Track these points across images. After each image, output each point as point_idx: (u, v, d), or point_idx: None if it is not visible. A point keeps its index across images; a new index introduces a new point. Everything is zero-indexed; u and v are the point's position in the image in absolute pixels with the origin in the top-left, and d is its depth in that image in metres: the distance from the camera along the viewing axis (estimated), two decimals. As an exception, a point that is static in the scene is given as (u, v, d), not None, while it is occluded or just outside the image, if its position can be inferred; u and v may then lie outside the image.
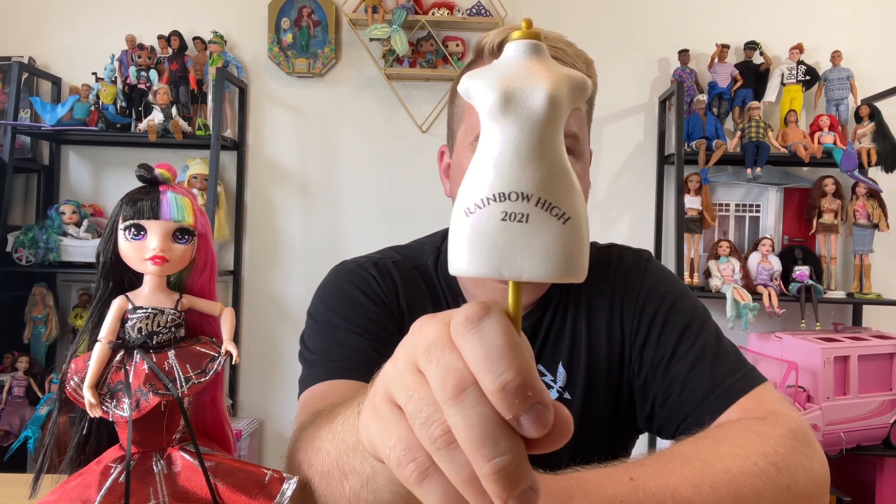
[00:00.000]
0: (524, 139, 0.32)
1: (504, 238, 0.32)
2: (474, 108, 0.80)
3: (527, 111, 0.32)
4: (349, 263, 0.91)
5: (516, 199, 0.32)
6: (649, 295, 0.85)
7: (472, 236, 0.32)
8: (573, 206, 0.32)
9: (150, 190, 0.55)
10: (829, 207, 2.35)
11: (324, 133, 2.53)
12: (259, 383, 2.51)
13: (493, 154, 0.32)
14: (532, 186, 0.32)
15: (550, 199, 0.32)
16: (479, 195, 0.32)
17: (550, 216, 0.32)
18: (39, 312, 2.38)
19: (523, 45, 0.34)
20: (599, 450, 0.85)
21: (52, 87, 2.47)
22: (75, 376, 0.54)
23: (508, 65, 0.33)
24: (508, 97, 0.32)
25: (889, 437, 2.09)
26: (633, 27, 2.50)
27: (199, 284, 0.59)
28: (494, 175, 0.32)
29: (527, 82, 0.32)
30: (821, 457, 0.66)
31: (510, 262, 0.32)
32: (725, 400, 0.75)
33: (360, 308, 0.84)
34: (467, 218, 0.33)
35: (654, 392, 0.82)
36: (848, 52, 2.41)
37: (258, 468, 0.56)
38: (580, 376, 0.85)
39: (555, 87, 0.32)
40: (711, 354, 0.79)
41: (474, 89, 0.33)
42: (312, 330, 0.85)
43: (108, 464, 0.55)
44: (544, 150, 0.32)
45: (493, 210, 0.32)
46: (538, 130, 0.32)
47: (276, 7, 2.46)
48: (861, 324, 2.47)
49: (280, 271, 2.53)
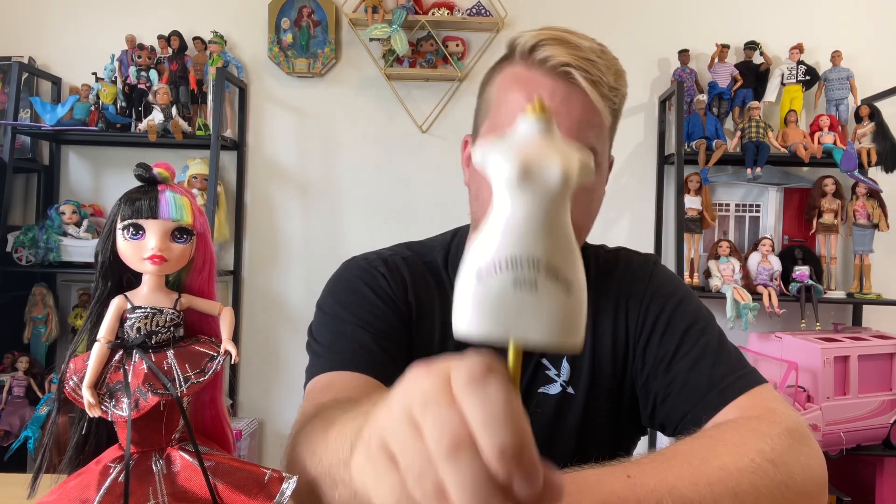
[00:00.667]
0: (539, 211, 0.34)
1: (514, 303, 0.34)
2: (502, 106, 0.80)
3: (543, 185, 0.34)
4: (359, 259, 0.93)
5: (529, 267, 0.34)
6: (654, 295, 0.87)
7: (484, 299, 0.34)
8: (578, 276, 0.35)
9: (149, 189, 0.55)
10: (829, 207, 2.35)
11: (324, 133, 2.53)
12: (259, 383, 2.51)
13: (508, 222, 0.34)
14: (544, 256, 0.34)
15: (559, 269, 0.34)
16: (493, 259, 0.34)
17: (558, 285, 0.34)
18: (39, 312, 2.38)
19: (537, 122, 0.35)
20: (600, 445, 0.85)
21: (52, 87, 2.47)
22: (74, 376, 0.54)
23: (524, 140, 0.35)
24: (527, 171, 0.33)
25: (889, 437, 2.09)
26: (633, 27, 2.50)
27: (197, 284, 0.59)
28: (509, 242, 0.34)
29: (543, 158, 0.34)
30: (818, 455, 0.66)
31: (518, 326, 0.34)
32: (723, 398, 0.76)
33: (367, 304, 0.86)
34: (479, 280, 0.34)
35: (655, 390, 0.83)
36: (848, 52, 2.41)
37: (257, 468, 0.56)
38: (584, 372, 0.87)
39: (568, 165, 0.34)
40: (713, 354, 0.80)
41: (492, 160, 0.35)
42: (320, 321, 0.88)
43: (107, 463, 0.55)
44: (556, 222, 0.34)
45: (506, 275, 0.34)
46: (552, 204, 0.34)
47: (276, 7, 2.46)
48: (861, 324, 2.47)
49: (280, 271, 2.53)
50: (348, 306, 0.86)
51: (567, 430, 0.87)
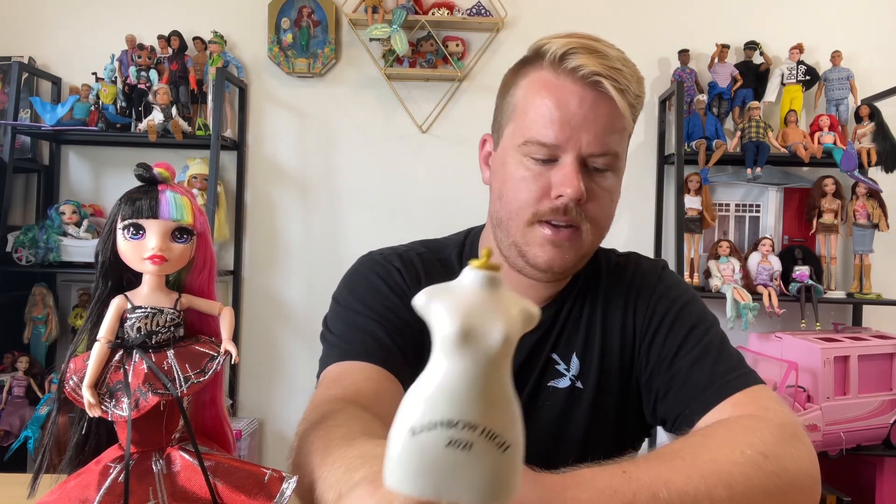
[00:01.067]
0: (477, 374, 0.33)
1: (447, 463, 0.34)
2: (529, 110, 0.84)
3: (483, 348, 0.33)
4: (375, 254, 0.96)
5: (463, 427, 0.33)
6: (662, 297, 0.90)
7: (416, 457, 0.34)
8: (514, 436, 0.34)
9: (149, 189, 0.55)
10: (829, 207, 2.35)
11: (324, 133, 2.53)
12: (259, 383, 2.51)
13: (445, 382, 0.33)
14: (479, 417, 0.33)
15: (494, 430, 0.33)
16: (427, 418, 0.34)
17: (493, 445, 0.34)
18: (39, 312, 2.38)
19: (482, 276, 0.35)
20: (607, 440, 0.89)
21: (52, 87, 2.47)
22: (74, 376, 0.54)
23: (468, 296, 0.34)
24: (467, 334, 0.33)
25: (889, 437, 2.09)
26: (633, 27, 2.50)
27: (198, 284, 0.59)
28: (444, 402, 0.33)
29: (485, 319, 0.33)
30: (810, 450, 0.68)
31: (450, 486, 0.34)
32: (720, 394, 0.78)
33: (380, 297, 0.88)
34: (412, 438, 0.34)
35: (657, 386, 0.86)
36: (848, 52, 2.41)
37: (258, 468, 0.56)
38: (593, 367, 0.90)
39: (510, 327, 0.33)
40: (714, 354, 0.83)
41: (433, 313, 0.34)
42: (335, 313, 0.91)
43: (107, 463, 0.55)
44: (494, 384, 0.34)
45: (440, 435, 0.33)
46: (491, 366, 0.33)
47: (276, 7, 2.46)
48: (861, 324, 2.47)
49: (280, 271, 2.53)
50: (362, 299, 0.89)
51: (575, 424, 0.89)
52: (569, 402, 0.89)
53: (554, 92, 0.80)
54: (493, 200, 0.89)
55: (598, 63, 0.78)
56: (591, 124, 0.79)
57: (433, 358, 0.34)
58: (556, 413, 0.89)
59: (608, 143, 0.80)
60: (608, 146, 0.80)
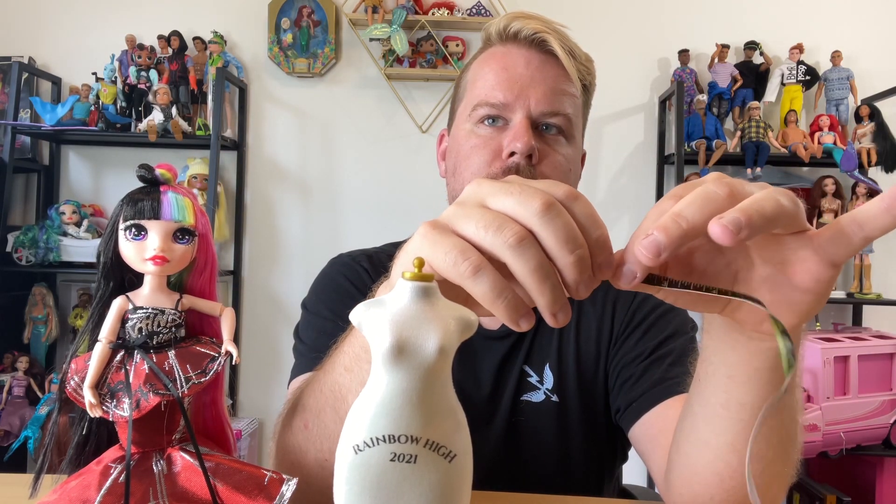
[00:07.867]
0: (415, 387, 0.33)
1: (394, 478, 0.33)
2: (478, 80, 0.82)
3: (418, 361, 0.33)
4: (344, 256, 0.94)
5: (406, 441, 0.33)
6: (644, 301, 0.87)
7: (362, 474, 0.34)
8: (459, 444, 0.34)
9: (151, 190, 0.55)
10: (829, 207, 2.35)
11: (324, 133, 2.53)
12: (259, 383, 2.51)
13: (383, 397, 0.33)
14: (420, 429, 0.33)
15: (437, 440, 0.33)
16: (368, 434, 0.33)
17: (438, 456, 0.33)
18: (39, 312, 2.38)
19: (415, 288, 0.34)
20: (586, 455, 0.85)
21: (52, 87, 2.47)
22: (75, 376, 0.54)
23: (401, 308, 0.34)
24: (401, 347, 0.33)
25: (889, 437, 2.09)
26: (633, 27, 2.50)
27: (199, 284, 0.59)
28: (384, 418, 0.33)
29: (419, 332, 0.33)
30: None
31: (399, 501, 0.34)
32: (667, 392, 0.76)
33: (349, 300, 0.85)
34: (356, 455, 0.34)
35: (619, 382, 0.83)
36: (848, 52, 2.41)
37: (258, 469, 0.56)
38: (567, 379, 0.86)
39: (445, 337, 0.33)
40: (676, 357, 0.80)
41: (368, 329, 0.34)
42: (305, 321, 0.89)
43: (107, 464, 0.55)
44: (433, 395, 0.33)
45: (383, 450, 0.33)
46: (428, 378, 0.33)
47: (276, 7, 2.46)
48: (861, 324, 2.47)
49: (280, 271, 2.53)
50: (330, 304, 0.87)
51: (552, 439, 0.85)
52: (544, 417, 0.84)
53: (501, 59, 0.81)
54: (448, 181, 0.86)
55: (540, 24, 0.80)
56: (539, 84, 0.79)
57: (373, 373, 0.34)
58: (531, 428, 0.84)
59: (558, 103, 0.79)
60: (558, 105, 0.79)
